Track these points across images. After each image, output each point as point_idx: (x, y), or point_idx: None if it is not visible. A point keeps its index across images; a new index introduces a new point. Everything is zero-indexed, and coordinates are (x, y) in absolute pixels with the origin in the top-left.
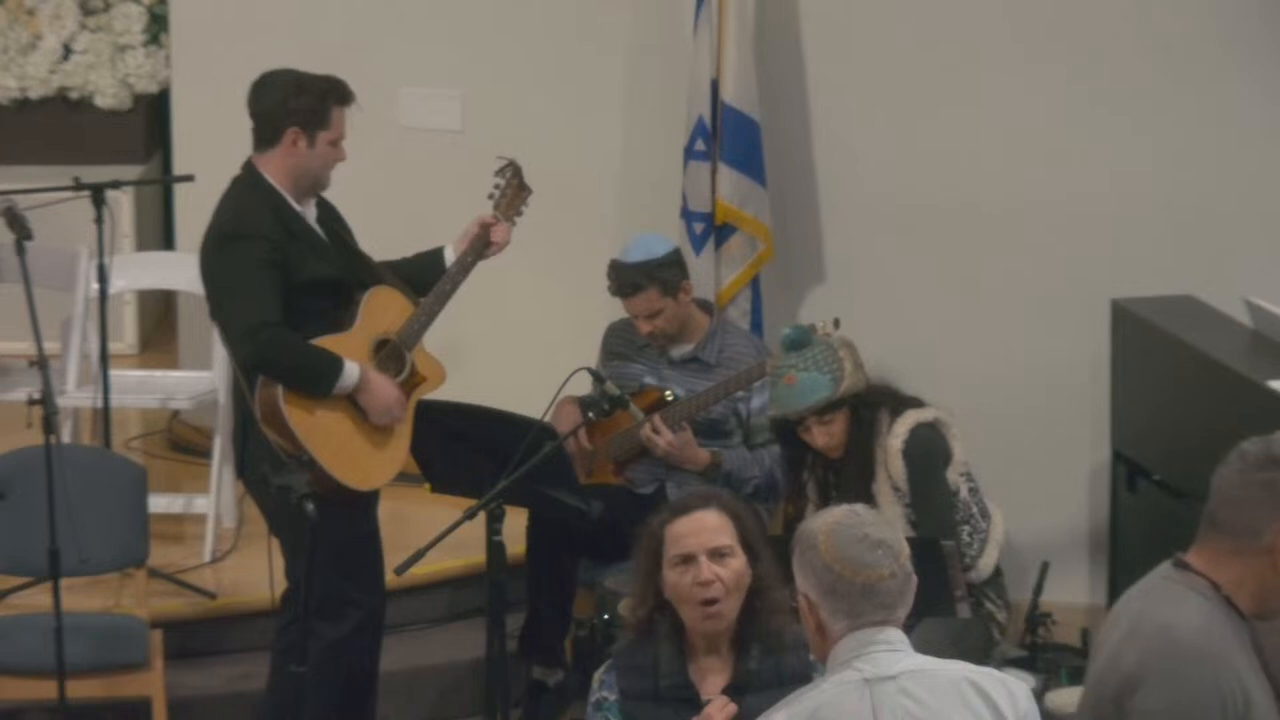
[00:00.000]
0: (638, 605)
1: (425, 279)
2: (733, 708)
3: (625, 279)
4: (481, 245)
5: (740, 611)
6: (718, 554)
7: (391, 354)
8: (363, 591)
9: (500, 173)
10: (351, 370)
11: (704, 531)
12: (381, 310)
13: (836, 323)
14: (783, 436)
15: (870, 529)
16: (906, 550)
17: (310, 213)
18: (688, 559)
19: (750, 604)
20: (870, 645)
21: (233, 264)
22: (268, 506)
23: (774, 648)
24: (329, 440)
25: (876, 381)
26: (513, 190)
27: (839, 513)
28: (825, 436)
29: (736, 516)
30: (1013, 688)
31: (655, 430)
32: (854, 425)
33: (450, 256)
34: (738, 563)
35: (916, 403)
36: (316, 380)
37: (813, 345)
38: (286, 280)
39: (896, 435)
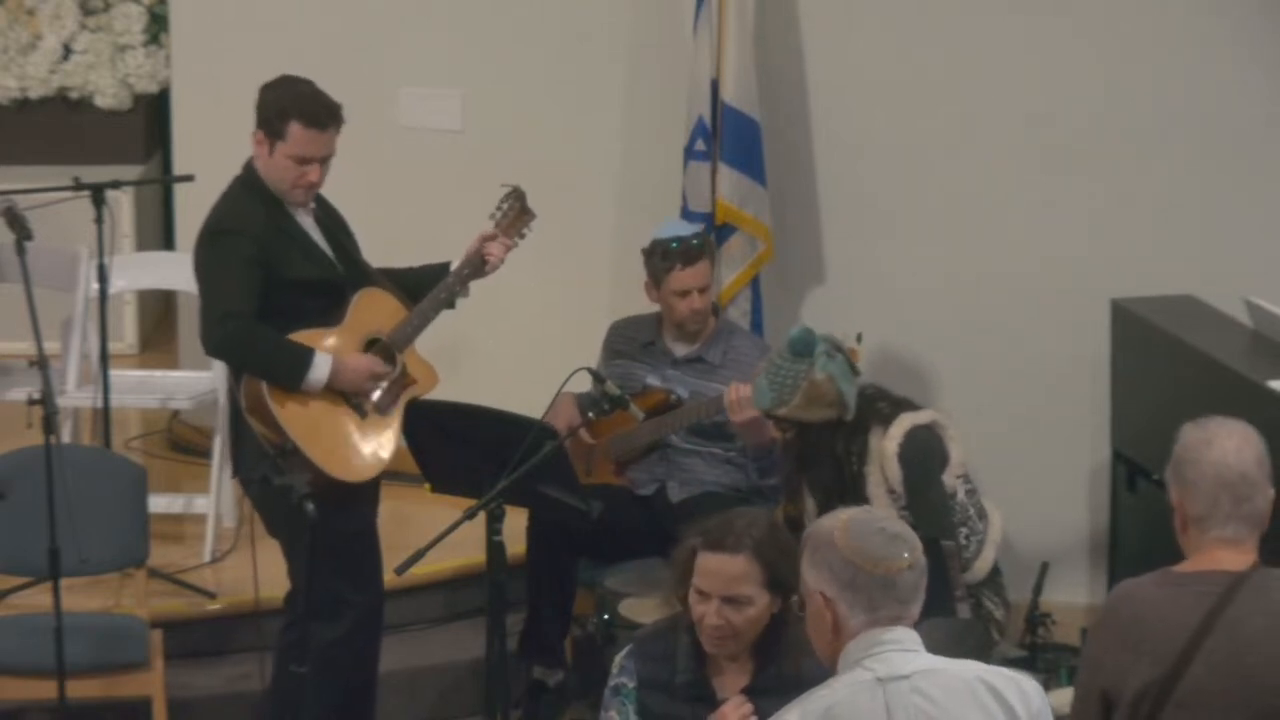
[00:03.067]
0: (670, 594)
1: (426, 290)
2: (749, 707)
3: (688, 245)
4: (479, 261)
5: (766, 626)
6: (733, 601)
7: (382, 353)
8: (359, 591)
9: (505, 199)
10: (322, 362)
11: (725, 577)
12: (371, 310)
13: (859, 337)
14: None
15: (885, 523)
16: (920, 545)
17: (306, 214)
18: (704, 595)
19: (777, 620)
20: (881, 645)
21: (215, 257)
22: (263, 507)
23: (794, 654)
24: (315, 431)
25: (867, 385)
26: (515, 213)
27: (852, 510)
28: (776, 433)
29: (769, 562)
30: (1025, 686)
31: (739, 400)
32: (804, 446)
33: None
34: (754, 610)
35: (910, 405)
36: (285, 372)
37: (799, 360)
38: (274, 278)
39: (892, 438)
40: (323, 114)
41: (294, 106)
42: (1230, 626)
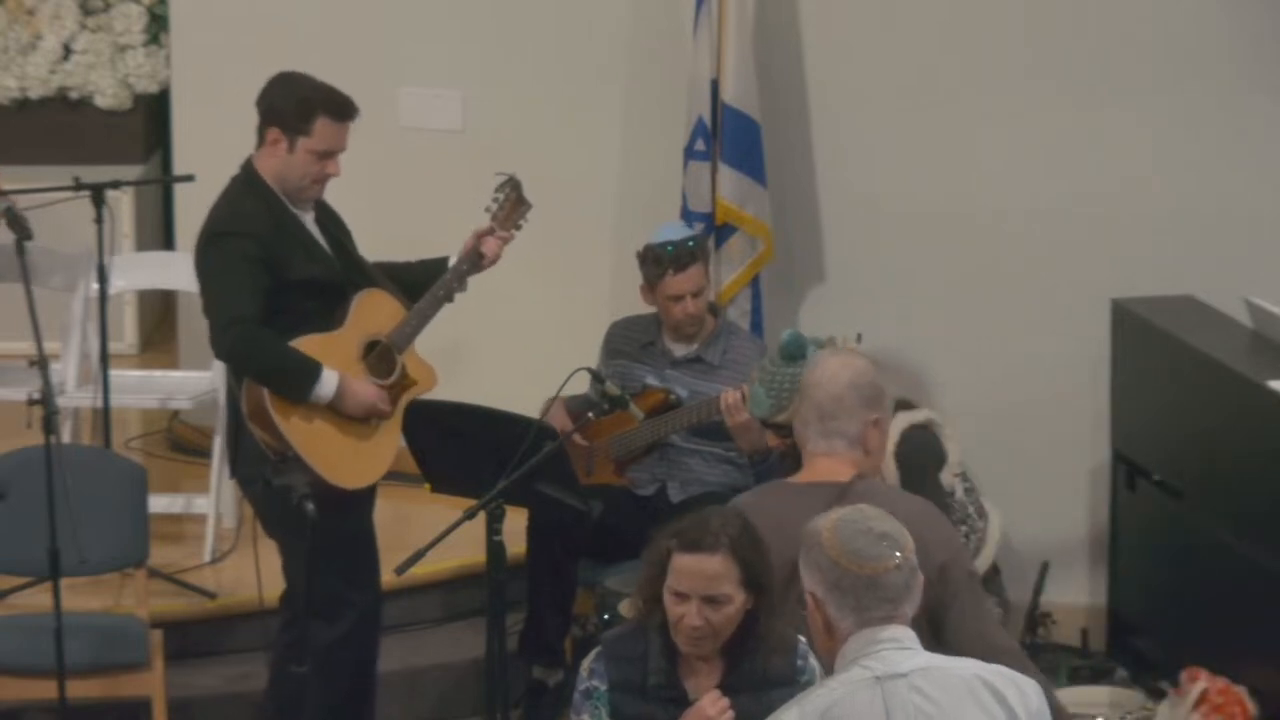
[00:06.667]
0: (637, 596)
1: (426, 286)
2: (725, 702)
3: (681, 251)
4: (475, 256)
5: (737, 624)
6: (712, 600)
7: (382, 355)
8: (358, 591)
9: (500, 188)
10: (330, 379)
11: (703, 577)
12: (372, 312)
13: (859, 338)
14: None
15: (874, 523)
16: (912, 544)
17: (308, 213)
18: (682, 596)
19: (748, 619)
20: (879, 643)
21: (218, 259)
22: (261, 506)
23: (763, 652)
24: (316, 438)
25: None
26: (511, 204)
27: (844, 510)
28: (776, 441)
29: (744, 560)
30: (1023, 685)
31: (733, 404)
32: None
33: None
34: (732, 608)
35: (905, 404)
36: (292, 382)
37: (793, 364)
38: (277, 279)
39: (888, 438)
40: (347, 106)
41: (320, 101)
42: None
